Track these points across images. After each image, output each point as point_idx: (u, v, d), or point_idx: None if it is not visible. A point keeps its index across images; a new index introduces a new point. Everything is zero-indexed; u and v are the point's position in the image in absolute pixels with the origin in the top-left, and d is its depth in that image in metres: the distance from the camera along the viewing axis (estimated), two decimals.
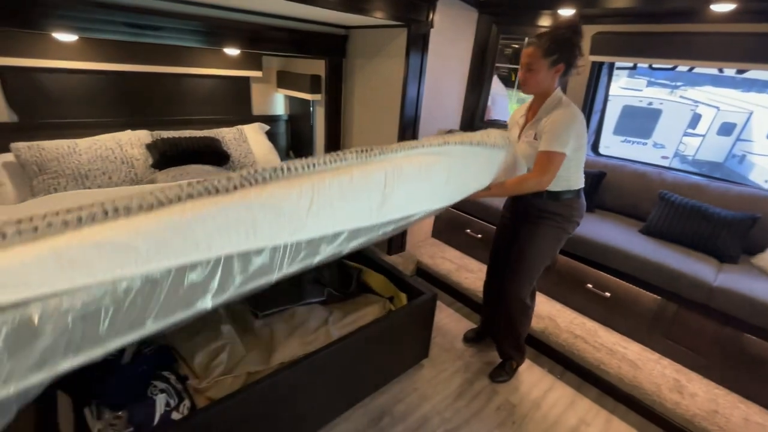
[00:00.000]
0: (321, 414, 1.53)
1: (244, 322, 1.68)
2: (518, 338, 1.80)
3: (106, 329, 0.63)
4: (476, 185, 1.39)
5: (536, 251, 1.64)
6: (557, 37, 1.38)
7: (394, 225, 1.08)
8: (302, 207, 0.78)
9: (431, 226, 3.07)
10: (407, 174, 0.99)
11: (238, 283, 0.77)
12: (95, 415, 1.19)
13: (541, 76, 1.43)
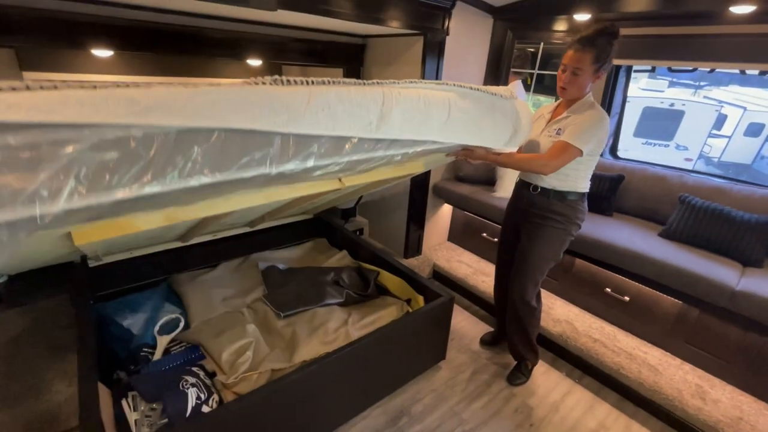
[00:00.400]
0: (341, 412, 1.58)
1: (267, 322, 1.75)
2: (529, 338, 1.81)
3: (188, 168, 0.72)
4: (483, 135, 1.40)
5: (540, 252, 1.65)
6: (605, 44, 1.37)
7: (398, 149, 1.12)
8: (299, 101, 0.83)
9: (447, 230, 3.10)
10: (406, 99, 1.04)
11: (235, 168, 0.81)
12: (132, 406, 1.27)
13: (585, 80, 1.43)
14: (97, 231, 0.99)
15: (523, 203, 1.70)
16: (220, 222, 1.93)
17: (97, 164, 0.64)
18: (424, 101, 1.11)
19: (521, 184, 1.74)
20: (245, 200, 1.22)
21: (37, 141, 0.58)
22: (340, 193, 1.99)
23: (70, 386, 1.55)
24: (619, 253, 1.94)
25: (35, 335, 1.81)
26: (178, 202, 1.01)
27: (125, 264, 1.98)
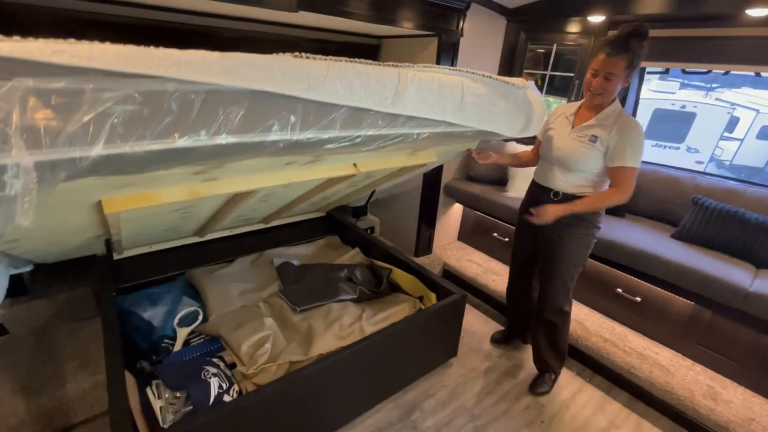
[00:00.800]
0: (355, 405, 1.61)
1: (284, 316, 1.79)
2: (562, 348, 1.79)
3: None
4: (497, 121, 1.41)
5: (569, 260, 1.62)
6: (637, 46, 1.33)
7: (413, 127, 1.15)
8: (319, 71, 0.88)
9: (457, 229, 3.12)
10: (420, 80, 1.08)
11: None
12: (156, 394, 1.31)
13: (616, 85, 1.40)
14: (125, 201, 1.04)
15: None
16: (237, 215, 1.97)
17: (132, 114, 0.68)
18: (438, 83, 1.14)
19: (538, 188, 1.69)
20: (265, 179, 1.26)
21: (78, 87, 0.62)
22: (354, 186, 2.03)
23: (93, 375, 1.60)
24: (632, 253, 1.95)
25: (58, 325, 1.87)
26: (203, 171, 1.05)
27: (145, 258, 2.04)
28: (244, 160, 0.99)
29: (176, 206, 1.35)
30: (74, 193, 0.93)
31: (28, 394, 1.49)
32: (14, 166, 0.60)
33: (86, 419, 1.56)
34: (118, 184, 0.95)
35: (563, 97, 2.91)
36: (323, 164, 1.37)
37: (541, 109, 1.57)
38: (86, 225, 1.28)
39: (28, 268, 1.66)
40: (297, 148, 0.96)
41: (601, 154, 1.47)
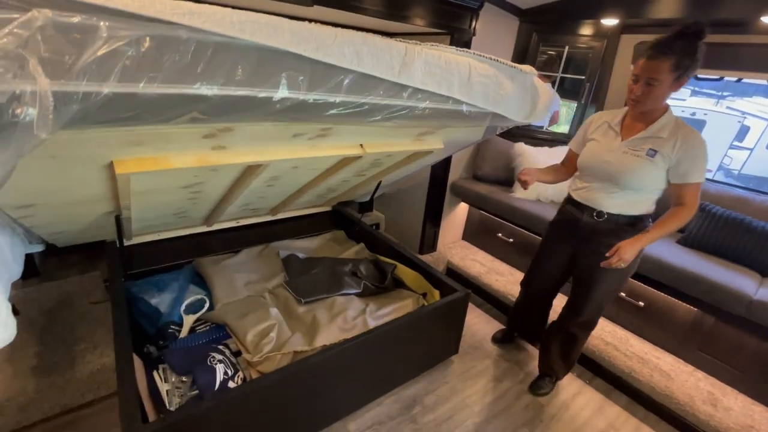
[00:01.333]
0: (357, 397, 1.63)
1: (288, 307, 1.81)
2: (574, 360, 1.78)
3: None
4: (505, 104, 1.38)
5: (612, 286, 1.54)
6: (686, 48, 1.20)
7: (420, 101, 1.15)
8: (328, 35, 0.90)
9: (462, 228, 3.13)
10: (428, 54, 1.09)
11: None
12: (163, 378, 1.34)
13: (662, 91, 1.26)
14: (136, 163, 1.06)
15: (585, 232, 1.51)
16: (245, 203, 1.99)
17: (144, 55, 0.70)
18: (444, 60, 1.15)
19: (576, 205, 1.53)
20: (273, 153, 1.29)
21: (94, 23, 0.64)
22: (361, 175, 2.05)
23: (101, 357, 1.63)
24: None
25: (68, 308, 1.90)
26: (212, 135, 1.07)
27: (154, 245, 2.06)
28: (253, 123, 1.00)
29: (186, 180, 1.38)
30: (87, 147, 0.94)
31: (38, 373, 1.53)
32: (32, 93, 0.61)
33: (93, 400, 1.60)
34: (129, 140, 0.97)
35: (573, 100, 2.91)
36: (330, 141, 1.38)
37: (548, 97, 1.56)
38: (98, 194, 1.30)
39: (40, 247, 1.69)
40: (303, 111, 0.97)
41: (662, 170, 1.33)
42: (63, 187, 1.17)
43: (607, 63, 2.58)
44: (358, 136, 1.45)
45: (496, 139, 2.84)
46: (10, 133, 0.63)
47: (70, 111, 0.67)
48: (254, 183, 1.58)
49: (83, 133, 0.87)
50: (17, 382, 1.48)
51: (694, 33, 1.20)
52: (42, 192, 1.15)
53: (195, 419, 1.12)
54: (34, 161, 0.94)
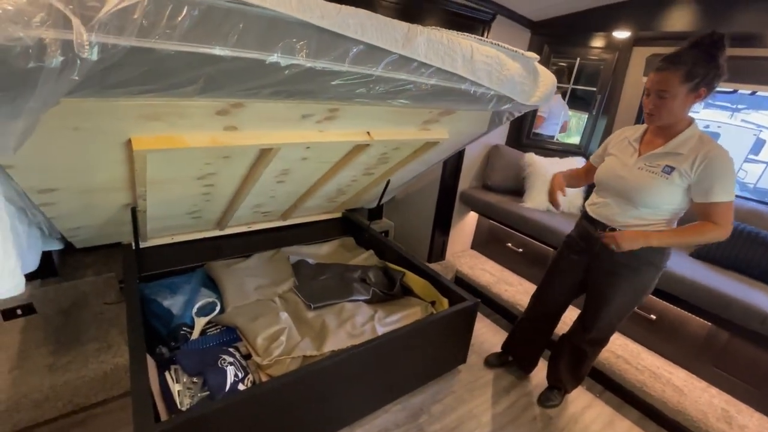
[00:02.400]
0: (364, 403, 1.63)
1: (298, 312, 1.83)
2: (583, 376, 1.75)
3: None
4: (508, 84, 1.37)
5: (627, 305, 1.50)
6: (699, 57, 1.16)
7: (424, 76, 1.16)
8: (331, 8, 0.92)
9: (471, 237, 3.13)
10: (430, 33, 1.12)
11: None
12: (174, 378, 1.36)
13: (676, 104, 1.21)
14: (153, 141, 1.10)
15: (598, 248, 1.48)
16: (256, 204, 2.03)
17: (159, 12, 0.73)
18: (447, 39, 1.17)
19: (591, 221, 1.49)
20: (283, 136, 1.33)
21: None
22: (369, 173, 2.07)
23: (114, 357, 1.66)
24: None
25: (84, 308, 1.94)
26: (225, 112, 1.11)
27: (167, 249, 2.11)
28: (263, 100, 1.04)
29: (199, 168, 1.43)
30: (107, 120, 0.99)
31: (53, 371, 1.56)
32: (57, 40, 0.64)
33: (105, 399, 1.63)
34: (145, 113, 1.01)
35: (584, 112, 2.92)
36: (338, 125, 1.42)
37: (551, 81, 1.57)
38: (116, 180, 1.34)
39: (59, 246, 1.74)
40: (310, 81, 1.00)
41: (679, 188, 1.27)
42: (84, 168, 1.20)
43: (618, 75, 2.59)
44: (364, 121, 1.48)
45: (506, 149, 2.85)
46: (35, 80, 0.66)
47: (91, 63, 0.69)
48: (265, 175, 1.62)
49: (104, 102, 0.91)
50: (33, 379, 1.52)
51: (710, 43, 1.16)
52: (63, 172, 1.19)
53: (206, 420, 1.13)
54: (57, 133, 0.98)
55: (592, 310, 1.57)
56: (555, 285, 1.71)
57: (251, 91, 1.02)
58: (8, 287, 0.68)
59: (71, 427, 1.51)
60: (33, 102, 0.68)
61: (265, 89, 1.02)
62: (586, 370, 1.73)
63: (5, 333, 1.74)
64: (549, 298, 1.76)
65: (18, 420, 1.46)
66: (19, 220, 1.28)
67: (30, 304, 1.82)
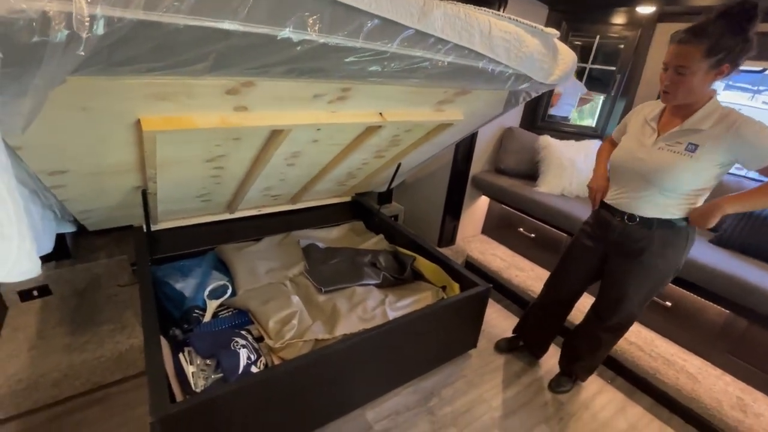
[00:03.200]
0: (375, 386, 1.64)
1: (309, 295, 1.83)
2: (598, 364, 1.74)
3: None
4: (527, 62, 1.32)
5: (644, 294, 1.44)
6: (726, 28, 1.06)
7: (440, 53, 1.12)
8: None
9: (482, 222, 3.09)
10: (447, 6, 1.07)
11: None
12: (188, 360, 1.37)
13: (696, 81, 1.12)
14: (162, 121, 1.08)
15: (616, 235, 1.43)
16: (266, 186, 2.01)
17: None
18: (465, 13, 1.12)
19: (608, 208, 1.45)
20: (294, 117, 1.30)
21: None
22: (380, 156, 2.04)
23: (129, 338, 1.68)
24: None
25: (98, 290, 1.97)
26: (235, 91, 1.08)
27: (178, 232, 2.11)
28: (273, 79, 1.01)
29: (209, 150, 1.40)
30: (116, 99, 0.96)
31: (70, 351, 1.59)
32: (62, 13, 0.62)
33: (122, 378, 1.66)
34: (154, 92, 0.98)
35: (601, 93, 2.81)
36: (350, 106, 1.38)
37: (571, 59, 1.50)
38: (126, 162, 1.33)
39: (72, 228, 1.75)
40: (323, 58, 0.97)
41: (706, 167, 1.20)
42: (93, 150, 1.19)
43: (640, 53, 2.48)
44: (377, 102, 1.44)
45: (519, 132, 2.78)
46: (40, 55, 0.63)
47: (97, 38, 0.67)
48: (275, 157, 1.59)
49: (112, 80, 0.88)
50: (51, 358, 1.55)
51: (740, 12, 1.05)
52: (73, 154, 1.17)
53: (220, 401, 1.14)
54: (66, 113, 0.96)
55: (609, 300, 1.53)
56: (570, 272, 1.67)
57: (262, 69, 0.99)
58: (25, 269, 0.67)
59: (90, 405, 1.55)
60: (39, 79, 0.65)
61: (276, 67, 0.98)
62: (600, 359, 1.71)
63: (23, 314, 1.77)
64: (563, 284, 1.72)
65: (38, 398, 1.49)
66: (32, 202, 1.27)
67: (46, 286, 1.85)
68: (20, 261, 0.65)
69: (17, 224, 0.64)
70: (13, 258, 0.63)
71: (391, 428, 1.55)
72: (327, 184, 2.31)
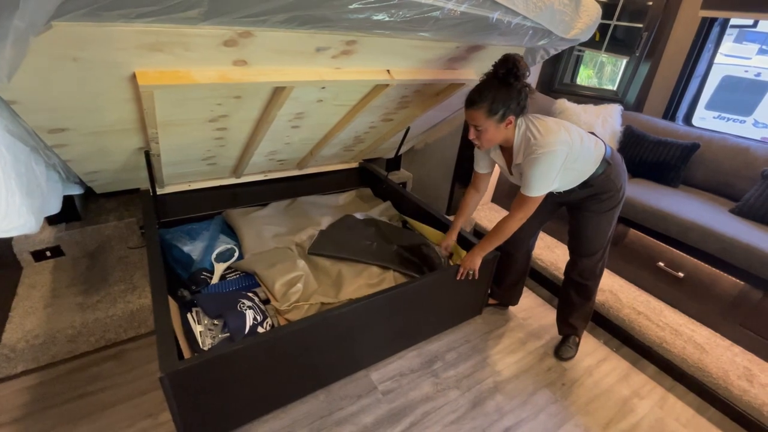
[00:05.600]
0: (380, 349, 1.66)
1: (315, 260, 1.83)
2: (590, 310, 1.80)
3: None
4: (546, 12, 1.27)
5: (597, 235, 1.59)
6: (497, 88, 1.26)
7: (454, 2, 1.06)
8: None
9: (492, 191, 3.03)
10: None
11: None
12: (196, 320, 1.40)
13: (491, 134, 1.34)
14: (158, 76, 1.05)
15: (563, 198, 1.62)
16: (271, 150, 1.98)
17: None
18: None
19: None
20: (296, 73, 1.25)
21: None
22: (388, 118, 1.96)
23: (140, 298, 1.72)
24: (683, 225, 1.83)
25: (108, 251, 2.00)
26: (233, 42, 1.03)
27: (185, 195, 2.11)
28: (272, 29, 0.96)
29: (210, 109, 1.36)
30: (107, 48, 0.92)
31: (84, 309, 1.63)
32: None
33: (133, 337, 1.71)
34: (147, 42, 0.94)
35: (622, 56, 2.64)
36: (355, 61, 1.32)
37: (595, 11, 1.41)
38: (126, 121, 1.30)
39: (79, 190, 1.75)
40: (323, 4, 0.91)
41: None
42: (92, 107, 1.15)
43: (670, 10, 2.30)
44: (384, 58, 1.36)
45: (535, 96, 2.65)
46: None
47: None
48: (279, 119, 1.54)
49: (100, 27, 0.83)
50: (66, 316, 1.59)
51: (505, 70, 1.23)
52: (71, 111, 1.14)
53: (226, 359, 1.16)
54: (57, 64, 0.92)
55: (575, 244, 1.68)
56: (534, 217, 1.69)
57: (260, 18, 0.92)
58: (16, 225, 0.66)
59: (105, 360, 1.61)
60: (18, 20, 0.61)
61: (275, 15, 0.92)
62: (591, 305, 1.78)
63: (37, 273, 1.81)
64: (526, 228, 1.71)
65: (56, 352, 1.55)
66: (35, 161, 1.26)
67: (58, 247, 1.88)
68: (9, 216, 0.64)
69: (4, 179, 0.62)
70: (2, 213, 0.62)
71: (394, 389, 1.58)
72: (334, 149, 2.26)
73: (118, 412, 1.40)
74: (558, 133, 1.32)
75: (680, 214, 1.85)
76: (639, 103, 2.58)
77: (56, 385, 1.49)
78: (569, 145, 1.34)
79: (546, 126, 1.33)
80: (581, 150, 1.39)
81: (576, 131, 1.40)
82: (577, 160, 1.39)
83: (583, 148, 1.39)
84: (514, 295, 2.04)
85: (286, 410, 1.44)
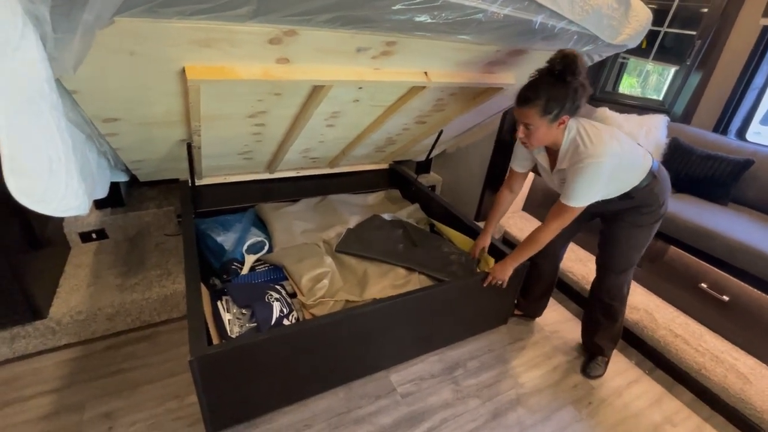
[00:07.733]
0: (401, 351, 1.66)
1: (342, 258, 1.85)
2: (618, 331, 1.73)
3: None
4: (593, 16, 1.26)
5: (631, 250, 1.52)
6: (553, 86, 1.19)
7: (496, 4, 1.04)
8: None
9: (524, 199, 2.96)
10: None
11: None
12: (225, 308, 1.44)
13: (542, 133, 1.28)
14: (205, 71, 1.10)
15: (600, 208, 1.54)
16: (305, 148, 2.01)
17: None
18: None
19: None
20: (336, 72, 1.27)
21: None
22: (422, 120, 1.95)
23: (174, 284, 1.79)
24: (730, 245, 1.71)
25: (147, 237, 2.10)
26: (278, 40, 1.06)
27: (220, 188, 2.19)
28: (316, 28, 0.99)
29: (251, 105, 1.41)
30: (162, 44, 0.97)
31: (122, 290, 1.72)
32: None
33: (167, 320, 1.79)
34: (197, 38, 0.98)
35: (671, 64, 2.52)
36: (394, 62, 1.32)
37: (645, 17, 1.35)
38: (172, 113, 1.36)
39: (125, 178, 1.85)
40: (368, 5, 0.92)
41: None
42: (142, 99, 1.22)
43: (728, 17, 2.17)
44: (422, 60, 1.36)
45: None
46: None
47: None
48: (315, 117, 1.57)
49: (158, 23, 0.88)
50: (106, 295, 1.68)
51: (562, 67, 1.16)
52: (124, 102, 1.21)
53: (252, 348, 1.19)
54: (115, 57, 0.98)
55: (605, 257, 1.61)
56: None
57: (305, 17, 0.95)
58: (72, 206, 0.71)
59: (140, 340, 1.69)
60: (87, 14, 0.65)
61: (319, 14, 0.94)
62: (620, 326, 1.72)
63: (83, 254, 1.93)
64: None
65: (95, 329, 1.64)
66: (89, 148, 1.34)
67: (102, 230, 1.99)
68: (67, 197, 0.68)
69: (65, 162, 0.66)
70: (61, 194, 0.66)
71: (414, 392, 1.57)
72: (365, 149, 2.28)
73: (147, 391, 1.47)
74: (609, 143, 1.25)
75: (728, 234, 1.74)
76: (687, 115, 2.45)
77: (93, 360, 1.57)
78: (619, 157, 1.28)
79: (598, 134, 1.27)
80: (630, 161, 1.34)
81: (627, 141, 1.34)
82: (624, 171, 1.34)
83: (632, 158, 1.34)
84: (540, 307, 1.99)
85: (306, 404, 1.46)
